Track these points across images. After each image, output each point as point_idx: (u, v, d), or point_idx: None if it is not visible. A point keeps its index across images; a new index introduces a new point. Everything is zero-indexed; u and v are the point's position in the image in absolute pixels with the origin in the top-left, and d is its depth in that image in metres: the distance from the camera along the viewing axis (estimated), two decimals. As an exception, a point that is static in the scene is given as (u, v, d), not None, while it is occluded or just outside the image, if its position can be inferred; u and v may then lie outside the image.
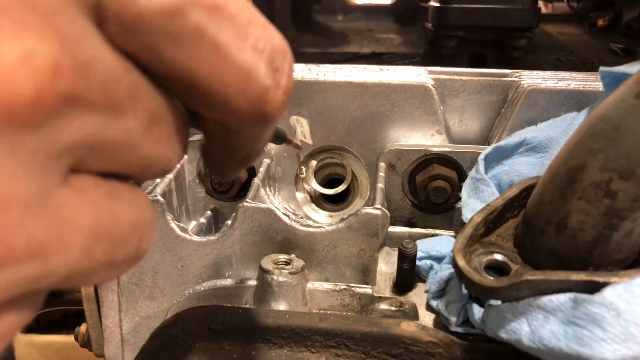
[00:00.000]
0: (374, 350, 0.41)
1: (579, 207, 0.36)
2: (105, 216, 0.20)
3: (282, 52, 0.23)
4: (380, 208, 0.49)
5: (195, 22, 0.20)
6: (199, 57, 0.20)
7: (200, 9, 0.20)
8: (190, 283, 0.53)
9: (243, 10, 0.22)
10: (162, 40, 0.20)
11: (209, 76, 0.21)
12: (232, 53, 0.21)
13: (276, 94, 0.23)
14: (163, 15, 0.19)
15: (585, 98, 0.57)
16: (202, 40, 0.20)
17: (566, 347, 0.33)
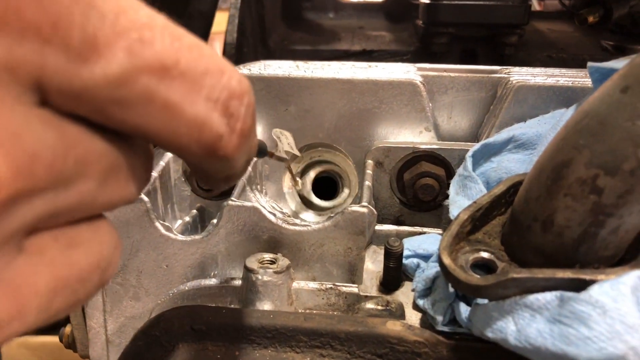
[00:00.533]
0: (359, 350, 0.41)
1: (565, 204, 0.36)
2: (63, 270, 0.20)
3: (239, 96, 0.23)
4: (367, 206, 0.48)
5: (142, 87, 0.20)
6: (149, 117, 0.21)
7: (147, 73, 0.20)
8: (175, 283, 0.52)
9: (197, 62, 0.21)
10: (110, 105, 0.20)
11: (161, 130, 0.21)
12: (184, 109, 0.21)
13: (230, 139, 0.23)
14: (109, 85, 0.19)
15: (574, 94, 0.56)
16: (151, 102, 0.20)
17: (552, 346, 0.33)
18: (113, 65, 0.19)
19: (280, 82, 0.60)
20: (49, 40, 0.18)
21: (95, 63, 0.19)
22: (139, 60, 0.19)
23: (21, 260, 0.19)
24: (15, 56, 0.17)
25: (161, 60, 0.20)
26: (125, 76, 0.19)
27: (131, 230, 0.51)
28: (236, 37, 0.93)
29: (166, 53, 0.20)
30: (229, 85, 0.23)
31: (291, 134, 0.49)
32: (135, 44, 0.19)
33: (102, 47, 0.19)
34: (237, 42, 0.93)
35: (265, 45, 1.05)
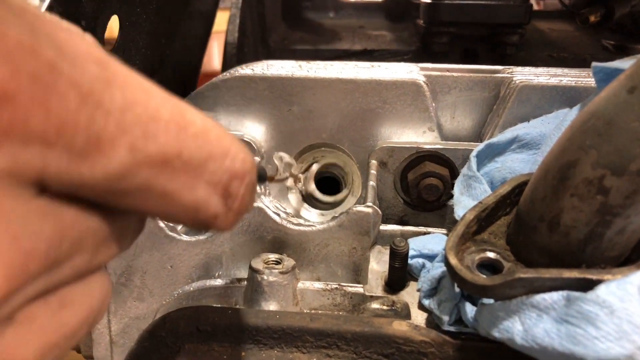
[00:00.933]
0: (365, 350, 0.41)
1: (572, 204, 0.36)
2: (53, 334, 0.20)
3: (241, 177, 0.24)
4: (371, 206, 0.49)
5: (142, 179, 0.20)
6: (146, 202, 0.21)
7: (148, 167, 0.20)
8: (179, 283, 0.52)
9: (201, 150, 0.22)
10: (110, 194, 0.20)
11: (157, 212, 0.22)
12: (182, 196, 0.22)
13: (227, 217, 0.24)
14: (108, 180, 0.19)
15: (578, 94, 0.56)
16: (149, 191, 0.21)
17: (559, 346, 0.33)
18: (114, 163, 0.19)
19: (283, 82, 0.60)
20: (53, 144, 0.18)
21: (96, 160, 0.19)
22: (141, 156, 0.20)
23: (10, 332, 0.19)
24: (19, 162, 0.17)
25: (163, 153, 0.20)
26: (125, 172, 0.19)
27: (135, 230, 0.51)
28: (237, 37, 0.92)
29: (169, 146, 0.20)
30: (231, 167, 0.23)
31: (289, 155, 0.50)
32: (139, 140, 0.20)
33: (104, 145, 0.19)
34: (238, 42, 0.93)
35: (265, 45, 1.05)
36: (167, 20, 0.70)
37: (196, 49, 0.91)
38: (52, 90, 0.17)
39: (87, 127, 0.18)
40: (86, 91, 0.18)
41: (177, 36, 0.77)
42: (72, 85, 0.18)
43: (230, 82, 0.60)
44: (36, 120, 0.17)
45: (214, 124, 0.23)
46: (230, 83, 0.60)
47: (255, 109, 0.61)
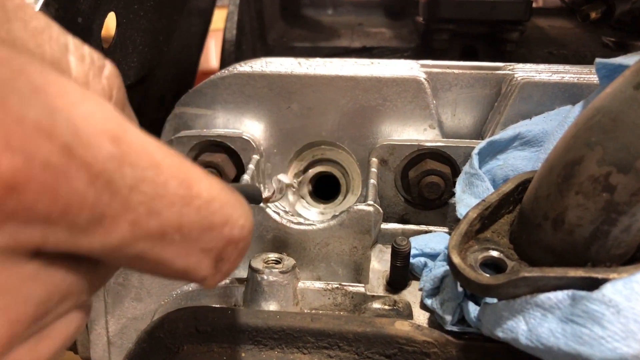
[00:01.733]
0: (367, 351, 0.40)
1: (577, 202, 0.35)
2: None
3: (236, 243, 0.23)
4: (372, 204, 0.48)
5: (137, 251, 0.20)
6: (140, 266, 0.22)
7: (145, 240, 0.20)
8: (177, 283, 0.51)
9: (201, 222, 0.22)
10: (106, 258, 0.20)
11: (149, 272, 0.22)
12: (174, 263, 0.22)
13: (214, 278, 0.24)
14: (105, 251, 0.20)
15: (580, 91, 0.56)
16: (143, 260, 0.21)
17: (565, 346, 0.33)
18: (113, 238, 0.19)
19: (283, 79, 0.59)
20: (56, 224, 0.18)
21: (96, 234, 0.19)
22: (141, 232, 0.20)
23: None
24: (19, 239, 0.17)
25: (163, 228, 0.20)
26: (123, 245, 0.20)
27: (133, 230, 0.50)
28: (235, 34, 0.92)
29: (171, 221, 0.21)
30: (229, 235, 0.23)
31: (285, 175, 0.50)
32: (142, 217, 0.20)
33: (107, 221, 0.19)
34: (236, 39, 0.92)
35: (264, 42, 1.05)
36: (164, 18, 0.69)
37: (194, 46, 0.91)
38: (62, 176, 0.17)
39: (92, 207, 0.18)
40: (97, 172, 0.18)
41: (175, 33, 0.76)
42: (83, 167, 0.18)
43: (229, 80, 0.60)
44: (42, 205, 0.17)
45: (220, 188, 0.23)
46: (229, 80, 0.60)
47: (254, 107, 0.60)
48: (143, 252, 0.20)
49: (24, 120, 0.17)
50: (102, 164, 0.18)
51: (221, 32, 0.97)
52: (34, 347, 0.21)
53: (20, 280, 0.18)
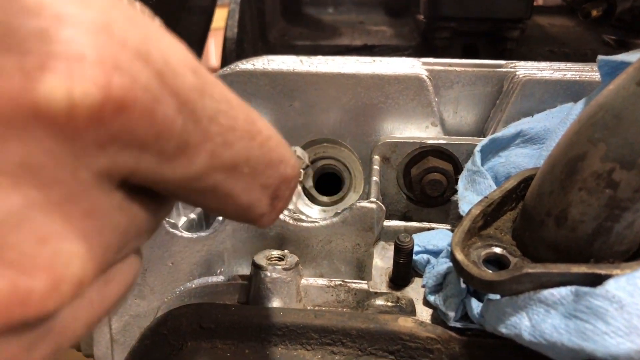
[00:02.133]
0: (370, 347, 0.40)
1: (580, 198, 0.36)
2: (99, 310, 0.22)
3: (288, 181, 0.26)
4: (375, 202, 0.48)
5: (212, 182, 0.22)
6: (208, 199, 0.23)
7: (220, 172, 0.22)
8: (180, 280, 0.52)
9: (264, 157, 0.24)
10: (180, 190, 0.22)
11: (216, 208, 0.24)
12: (240, 197, 0.24)
13: (270, 215, 0.26)
14: (185, 181, 0.21)
15: (582, 88, 0.56)
16: (215, 192, 0.23)
17: (568, 342, 0.33)
18: (194, 166, 0.21)
19: (285, 77, 0.59)
20: (149, 149, 0.19)
21: (180, 163, 0.20)
22: (217, 162, 0.22)
23: (63, 312, 0.20)
24: (117, 163, 0.19)
25: (235, 161, 0.22)
26: (202, 174, 0.21)
27: (136, 227, 0.50)
28: (236, 33, 0.92)
29: (241, 154, 0.23)
30: (284, 173, 0.25)
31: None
32: (219, 147, 0.21)
33: (190, 150, 0.20)
34: (238, 38, 0.92)
35: (265, 40, 1.05)
36: (166, 16, 0.69)
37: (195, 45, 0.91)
38: (158, 100, 0.19)
39: (179, 135, 0.20)
40: (184, 100, 0.20)
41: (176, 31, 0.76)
42: (173, 94, 0.19)
43: (231, 77, 0.60)
44: (142, 129, 0.19)
45: (274, 130, 0.25)
46: (231, 78, 0.60)
47: (256, 105, 0.60)
48: (216, 184, 0.22)
49: (127, 44, 0.18)
50: (187, 93, 0.20)
51: (221, 31, 0.97)
52: (103, 289, 0.22)
53: (110, 207, 0.20)
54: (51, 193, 0.18)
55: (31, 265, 0.17)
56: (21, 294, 0.17)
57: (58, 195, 0.18)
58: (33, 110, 0.17)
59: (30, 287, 0.17)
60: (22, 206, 0.17)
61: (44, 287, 0.17)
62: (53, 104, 0.17)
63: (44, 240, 0.17)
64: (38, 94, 0.17)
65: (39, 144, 0.17)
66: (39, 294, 0.17)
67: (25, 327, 0.18)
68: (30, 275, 0.17)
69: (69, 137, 0.18)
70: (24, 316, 0.17)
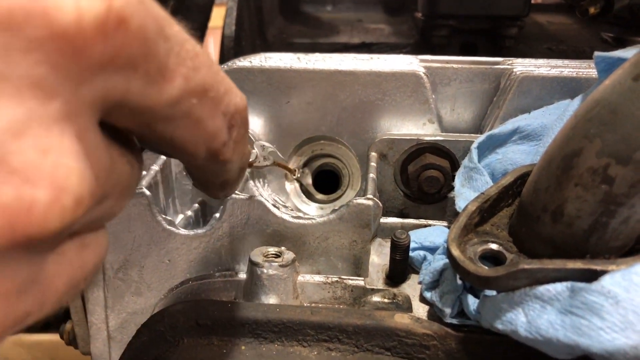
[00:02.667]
0: (367, 344, 0.40)
1: (576, 194, 0.36)
2: (77, 272, 0.22)
3: (241, 111, 0.28)
4: (372, 198, 0.48)
5: (187, 106, 0.24)
6: (182, 129, 0.25)
7: (193, 96, 0.24)
8: (177, 277, 0.52)
9: (221, 84, 0.26)
10: (159, 120, 0.23)
11: (186, 140, 0.25)
12: (208, 123, 0.25)
13: (229, 145, 0.28)
14: (167, 105, 0.23)
15: (579, 85, 0.56)
16: (188, 117, 0.24)
17: (564, 337, 0.33)
18: (174, 89, 0.22)
19: (282, 74, 0.59)
20: (137, 69, 0.21)
21: (162, 86, 0.22)
22: (191, 85, 0.23)
23: (50, 260, 0.21)
24: (111, 85, 0.20)
25: (203, 85, 0.24)
26: (179, 98, 0.23)
27: (133, 224, 0.50)
28: (234, 30, 0.91)
29: (207, 78, 0.24)
30: (235, 101, 0.27)
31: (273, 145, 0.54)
32: (190, 71, 0.23)
33: (169, 73, 0.22)
34: (236, 35, 0.92)
35: (263, 38, 1.05)
36: (163, 13, 0.69)
37: (193, 42, 0.90)
38: (146, 20, 0.20)
39: (161, 56, 0.21)
40: (161, 25, 0.21)
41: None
42: (154, 18, 0.21)
43: (228, 75, 0.59)
44: (134, 47, 0.20)
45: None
46: (228, 75, 0.59)
47: (253, 102, 0.60)
48: (189, 108, 0.24)
49: None
50: (162, 20, 0.22)
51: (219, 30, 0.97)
52: (80, 252, 0.23)
53: (96, 140, 0.21)
54: (52, 107, 0.18)
55: (34, 174, 0.17)
56: (26, 203, 0.17)
57: (57, 111, 0.18)
58: (43, 21, 0.17)
59: (34, 197, 0.17)
60: (24, 116, 0.17)
61: (48, 197, 0.17)
62: (63, 14, 0.17)
63: (46, 152, 0.18)
64: (48, 2, 0.17)
65: (46, 55, 0.17)
66: (42, 205, 0.17)
67: (24, 253, 0.18)
68: (34, 184, 0.17)
69: (76, 51, 0.18)
70: (29, 229, 0.17)
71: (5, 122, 0.17)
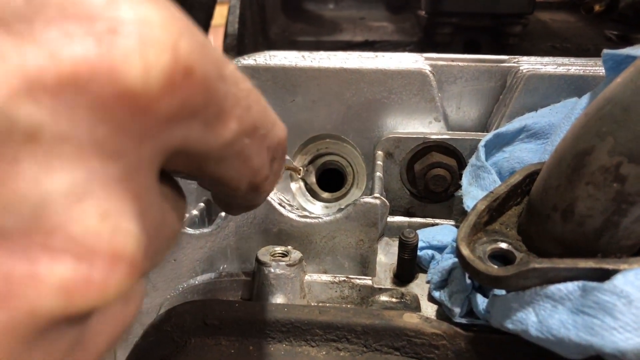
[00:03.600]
0: (375, 343, 0.40)
1: (587, 193, 0.35)
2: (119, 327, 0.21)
3: (283, 143, 0.28)
4: (379, 197, 0.48)
5: (239, 146, 0.23)
6: (232, 167, 0.24)
7: (245, 135, 0.23)
8: (183, 277, 0.51)
9: (268, 119, 0.25)
10: (212, 161, 0.23)
11: (232, 177, 0.25)
12: (254, 159, 0.25)
13: (271, 179, 0.28)
14: (222, 148, 0.22)
15: (586, 83, 0.56)
16: (238, 157, 0.24)
17: (576, 337, 0.32)
18: (229, 132, 0.22)
19: (287, 72, 0.59)
20: (198, 116, 0.20)
21: (218, 129, 0.21)
22: (243, 126, 0.23)
23: (95, 319, 0.19)
24: (173, 136, 0.19)
25: (254, 124, 0.23)
26: (234, 140, 0.22)
27: (138, 224, 0.50)
28: (237, 28, 0.91)
29: (258, 116, 0.24)
30: (279, 134, 0.27)
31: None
32: (244, 111, 0.22)
33: (224, 116, 0.21)
34: (238, 33, 0.91)
35: (266, 36, 1.04)
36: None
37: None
38: (208, 67, 0.19)
39: (219, 100, 0.21)
40: (219, 66, 0.20)
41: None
42: (212, 62, 0.20)
43: (233, 73, 0.59)
44: (199, 96, 0.19)
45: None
46: (233, 73, 0.59)
47: (258, 100, 0.60)
48: (241, 148, 0.23)
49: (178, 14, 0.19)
50: (218, 61, 0.21)
51: (221, 29, 0.96)
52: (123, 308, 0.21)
53: (150, 203, 0.20)
54: (114, 168, 0.17)
55: (93, 243, 0.16)
56: (84, 276, 0.16)
57: (120, 172, 0.17)
58: (110, 79, 0.16)
59: (93, 268, 0.16)
60: (85, 179, 0.16)
61: (106, 267, 0.17)
62: (131, 71, 0.16)
63: (105, 217, 0.17)
64: (114, 59, 0.16)
65: (110, 115, 0.16)
66: (101, 276, 0.16)
67: (74, 322, 0.17)
68: (93, 255, 0.16)
69: (143, 109, 0.17)
70: (85, 302, 0.16)
71: (65, 186, 0.16)
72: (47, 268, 0.16)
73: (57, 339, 0.17)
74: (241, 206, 0.31)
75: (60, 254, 0.16)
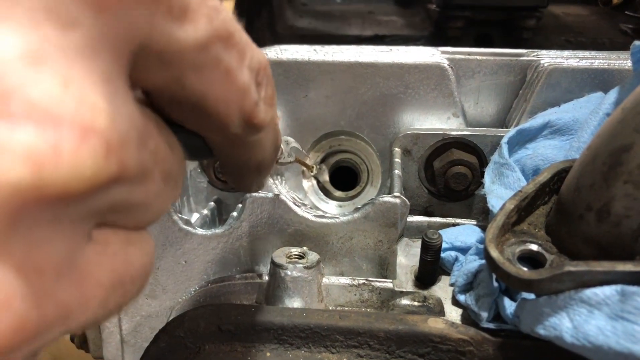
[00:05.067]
0: (399, 350, 0.38)
1: (625, 192, 0.33)
2: (121, 266, 0.21)
3: (264, 67, 0.27)
4: (399, 196, 0.46)
5: (214, 53, 0.23)
6: (213, 82, 0.23)
7: (218, 40, 0.23)
8: (194, 279, 0.49)
9: (242, 34, 0.25)
10: (189, 70, 0.22)
11: (218, 98, 0.24)
12: (236, 75, 0.24)
13: (261, 106, 0.27)
14: (195, 49, 0.22)
15: (611, 77, 0.54)
16: (217, 67, 0.23)
17: (616, 345, 0.31)
18: (199, 30, 0.22)
19: (299, 66, 0.57)
20: (159, 3, 0.20)
21: (187, 26, 0.21)
22: (214, 27, 0.22)
23: (89, 248, 0.19)
24: (132, 20, 0.19)
25: (227, 29, 0.23)
26: (206, 41, 0.22)
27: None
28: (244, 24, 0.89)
29: (229, 23, 0.23)
30: (258, 57, 0.26)
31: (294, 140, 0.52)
32: (212, 11, 0.22)
33: (191, 12, 0.21)
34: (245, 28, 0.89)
35: (272, 31, 1.02)
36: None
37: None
38: None
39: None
40: None
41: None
42: None
43: (244, 68, 0.57)
44: None
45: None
46: (244, 68, 0.57)
47: (269, 96, 0.58)
48: (218, 54, 0.23)
49: None
50: None
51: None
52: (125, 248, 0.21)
53: (123, 96, 0.19)
54: (71, 37, 0.17)
55: (56, 108, 0.15)
56: (51, 144, 0.15)
57: (78, 42, 0.17)
58: None
59: (60, 136, 0.15)
60: (40, 43, 0.16)
61: (74, 137, 0.15)
62: None
63: (67, 83, 0.16)
64: None
65: None
66: (70, 145, 0.15)
67: (57, 221, 0.16)
68: (58, 121, 0.15)
69: None
70: (59, 175, 0.15)
71: (18, 47, 0.15)
72: (7, 134, 0.14)
73: (42, 238, 0.16)
74: (248, 167, 0.31)
75: (20, 119, 0.15)
